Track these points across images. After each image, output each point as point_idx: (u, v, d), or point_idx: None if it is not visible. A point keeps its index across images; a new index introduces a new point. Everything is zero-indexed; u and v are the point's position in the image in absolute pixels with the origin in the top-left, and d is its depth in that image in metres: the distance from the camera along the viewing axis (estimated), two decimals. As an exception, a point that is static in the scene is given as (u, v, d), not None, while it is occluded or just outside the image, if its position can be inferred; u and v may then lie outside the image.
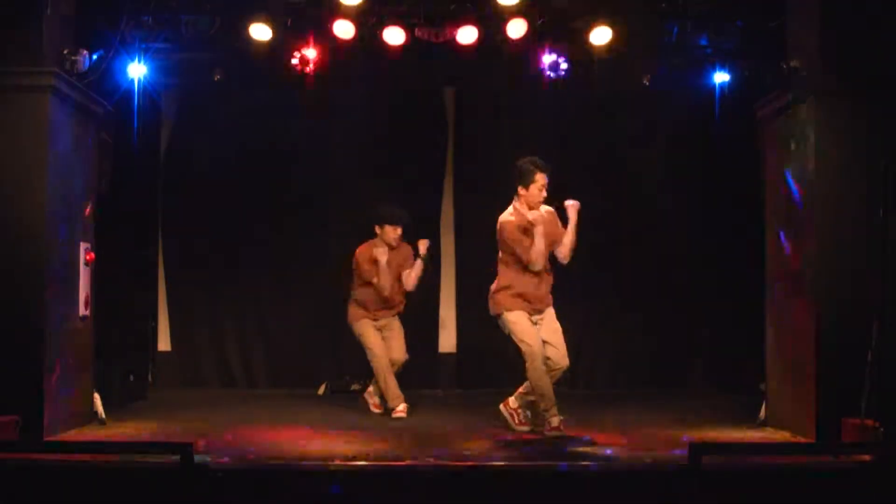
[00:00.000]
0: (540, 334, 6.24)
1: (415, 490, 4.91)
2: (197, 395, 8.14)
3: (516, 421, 6.39)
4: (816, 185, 6.00)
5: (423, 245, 7.11)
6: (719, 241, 8.39)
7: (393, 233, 7.12)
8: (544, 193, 6.27)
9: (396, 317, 7.27)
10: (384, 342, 7.16)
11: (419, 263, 7.12)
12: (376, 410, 7.18)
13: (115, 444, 5.50)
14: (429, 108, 8.73)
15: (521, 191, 6.28)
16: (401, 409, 6.99)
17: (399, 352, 7.17)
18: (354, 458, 5.28)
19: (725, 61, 7.47)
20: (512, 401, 6.41)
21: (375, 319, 7.21)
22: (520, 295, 6.25)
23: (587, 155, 8.54)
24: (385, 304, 7.19)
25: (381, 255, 7.03)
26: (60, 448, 5.30)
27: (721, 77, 7.55)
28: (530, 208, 6.26)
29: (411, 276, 7.15)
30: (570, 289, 8.64)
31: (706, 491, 4.62)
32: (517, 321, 6.21)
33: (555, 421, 6.16)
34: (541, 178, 6.23)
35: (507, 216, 6.30)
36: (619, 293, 8.63)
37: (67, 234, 6.25)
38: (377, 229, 7.16)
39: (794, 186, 6.33)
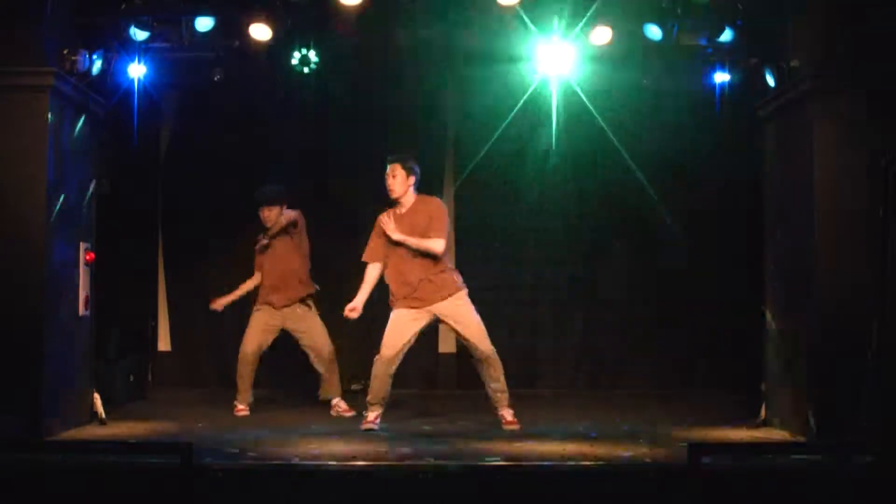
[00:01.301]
0: (458, 334, 6.40)
1: (415, 490, 4.91)
2: (197, 395, 8.14)
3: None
4: (816, 185, 6.00)
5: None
6: (719, 241, 8.39)
7: (261, 214, 7.23)
8: (388, 185, 6.46)
9: (304, 305, 7.26)
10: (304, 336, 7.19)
11: None
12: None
13: (115, 444, 5.49)
14: (429, 109, 8.73)
15: None
16: (240, 408, 7.14)
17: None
18: (354, 458, 5.28)
19: (725, 61, 7.46)
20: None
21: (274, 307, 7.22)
22: (394, 294, 6.43)
23: (586, 155, 8.54)
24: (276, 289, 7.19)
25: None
26: (60, 448, 5.29)
27: (721, 77, 7.54)
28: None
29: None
30: (570, 289, 8.72)
31: (706, 491, 4.62)
32: (390, 321, 6.41)
33: (371, 416, 6.38)
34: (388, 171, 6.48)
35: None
36: (619, 293, 8.63)
37: (67, 234, 6.25)
38: None
39: (793, 186, 6.33)
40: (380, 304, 6.61)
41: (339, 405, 7.20)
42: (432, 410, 7.30)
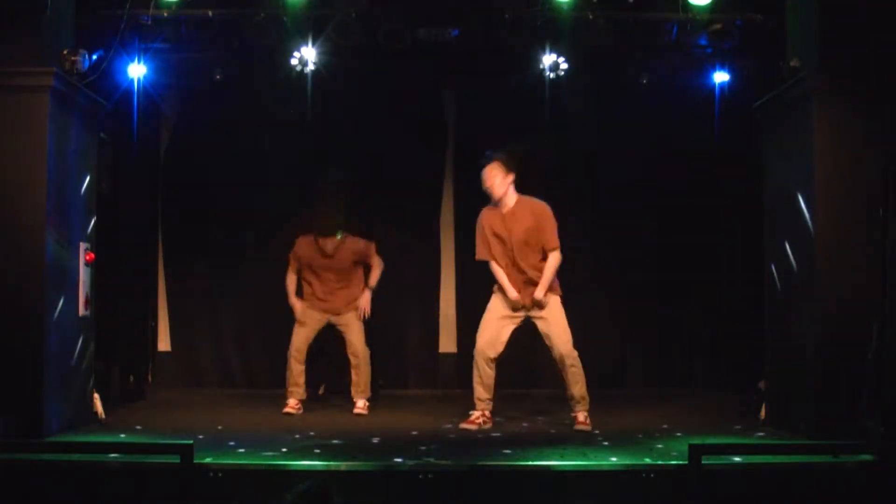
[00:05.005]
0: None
1: (415, 490, 4.91)
2: (197, 395, 8.14)
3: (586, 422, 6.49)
4: (816, 185, 6.00)
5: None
6: (719, 241, 8.39)
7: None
8: (488, 185, 6.53)
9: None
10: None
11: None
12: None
13: (115, 444, 5.49)
14: (429, 108, 8.73)
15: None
16: (291, 405, 7.14)
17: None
18: (354, 458, 5.28)
19: (725, 61, 7.47)
20: (580, 416, 6.49)
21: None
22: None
23: (586, 155, 8.54)
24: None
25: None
26: (60, 448, 5.29)
27: (721, 77, 7.55)
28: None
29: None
30: (569, 289, 8.71)
31: (706, 491, 4.63)
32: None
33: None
34: None
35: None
36: (619, 293, 8.63)
37: (67, 234, 6.24)
38: None
39: (793, 186, 6.33)
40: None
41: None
42: (432, 410, 7.30)
